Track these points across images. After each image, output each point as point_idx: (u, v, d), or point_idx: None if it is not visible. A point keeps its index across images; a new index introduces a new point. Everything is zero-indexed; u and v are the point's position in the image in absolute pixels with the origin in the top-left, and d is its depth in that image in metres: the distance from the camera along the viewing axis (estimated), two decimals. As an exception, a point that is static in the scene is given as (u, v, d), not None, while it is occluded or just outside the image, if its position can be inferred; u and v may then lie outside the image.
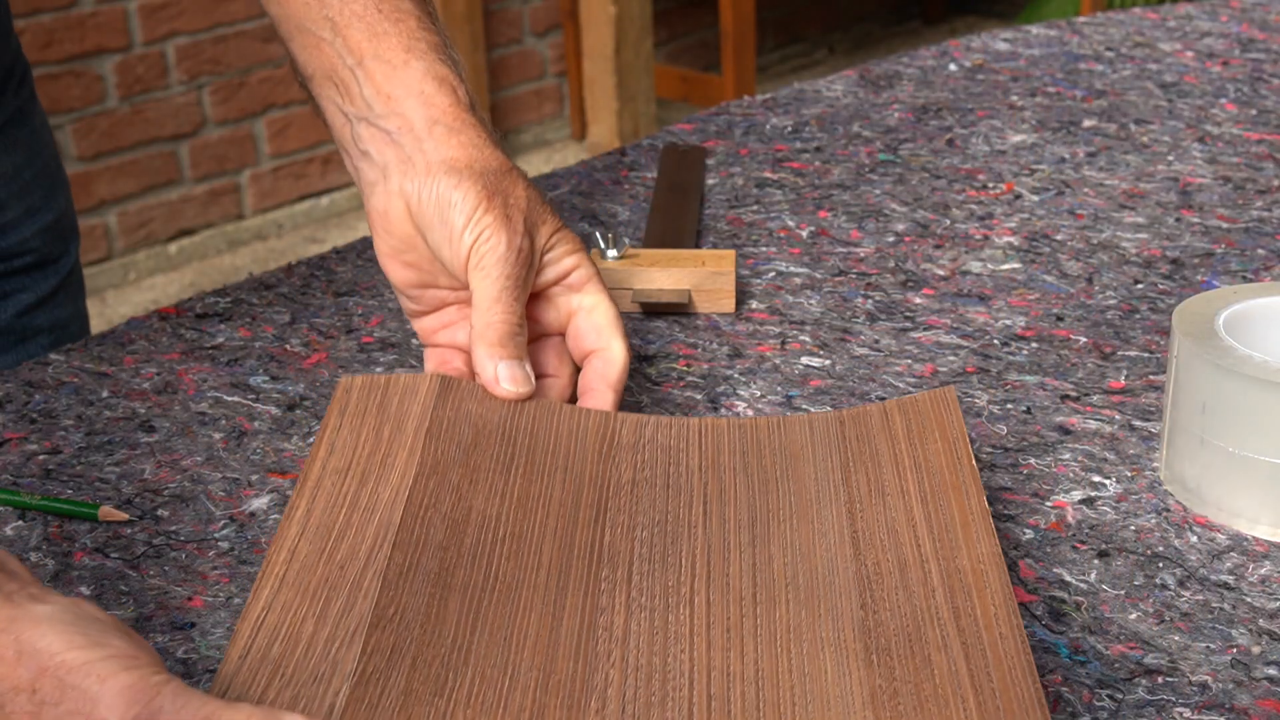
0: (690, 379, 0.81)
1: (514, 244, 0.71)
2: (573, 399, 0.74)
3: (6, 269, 0.94)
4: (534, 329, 0.75)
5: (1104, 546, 0.67)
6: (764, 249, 0.96)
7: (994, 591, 0.56)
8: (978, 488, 0.61)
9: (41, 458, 0.75)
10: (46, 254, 0.96)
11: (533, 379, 0.71)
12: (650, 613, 0.57)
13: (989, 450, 0.74)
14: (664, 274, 0.88)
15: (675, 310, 0.88)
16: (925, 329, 0.85)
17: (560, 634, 0.56)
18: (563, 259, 0.74)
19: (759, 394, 0.79)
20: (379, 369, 0.83)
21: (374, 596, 0.56)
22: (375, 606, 0.55)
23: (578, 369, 0.75)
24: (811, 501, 0.63)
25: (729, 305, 0.88)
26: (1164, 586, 0.64)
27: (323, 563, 0.58)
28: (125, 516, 0.69)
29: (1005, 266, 0.93)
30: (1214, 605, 0.63)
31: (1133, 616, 0.62)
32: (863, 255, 0.95)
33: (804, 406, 0.78)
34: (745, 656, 0.55)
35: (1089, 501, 0.70)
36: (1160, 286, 0.89)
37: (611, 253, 0.89)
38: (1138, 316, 0.86)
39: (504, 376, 0.70)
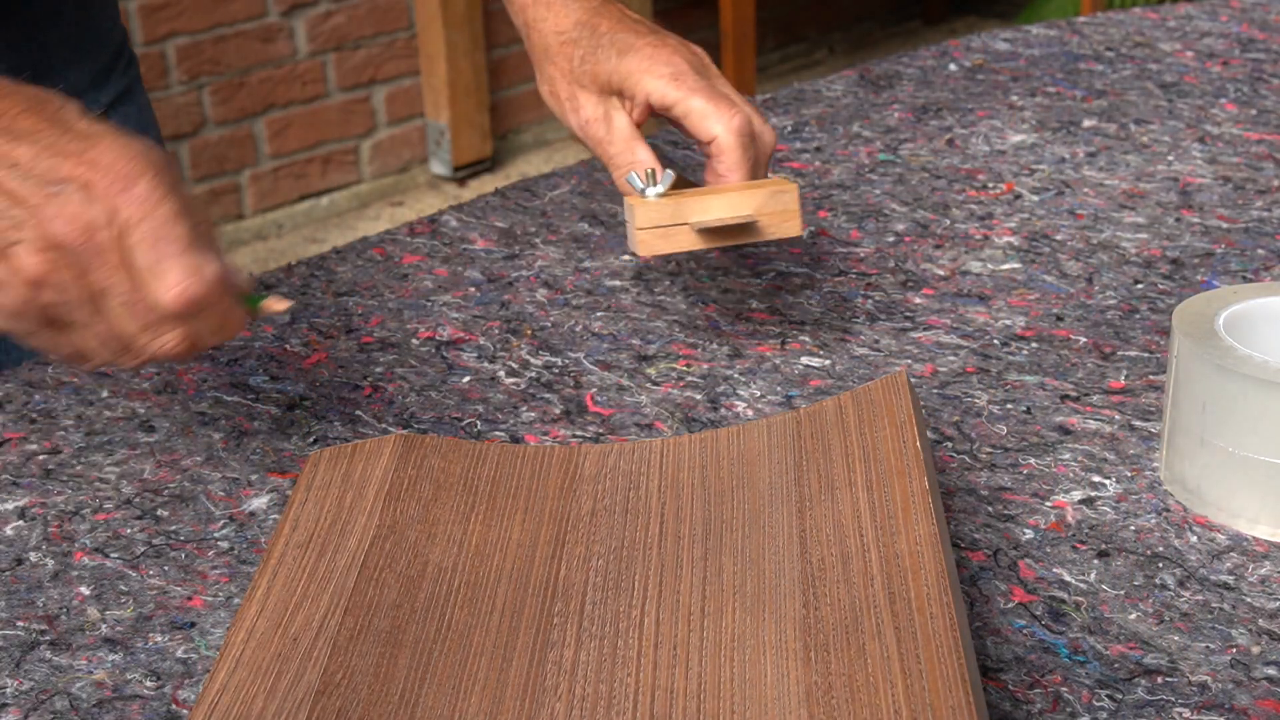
0: (690, 379, 0.81)
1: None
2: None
3: None
4: None
5: (1104, 546, 0.67)
6: (764, 249, 0.96)
7: (928, 572, 0.55)
8: (920, 469, 0.60)
9: (41, 457, 0.75)
10: None
11: None
12: (600, 640, 0.58)
13: (989, 450, 0.74)
14: (721, 200, 0.79)
15: (741, 239, 0.80)
16: (925, 329, 0.85)
17: (509, 675, 0.56)
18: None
19: (759, 394, 0.79)
20: (379, 369, 0.83)
21: (323, 663, 0.56)
22: (324, 673, 0.56)
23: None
24: (764, 506, 0.63)
25: (795, 228, 0.80)
26: (1164, 587, 0.64)
27: (278, 637, 0.58)
28: (288, 304, 0.68)
29: (1005, 266, 0.93)
30: (1214, 605, 0.63)
31: (1132, 616, 0.62)
32: (863, 255, 0.95)
33: (803, 407, 0.78)
34: (690, 672, 0.55)
35: (1089, 501, 0.70)
36: (1160, 286, 0.89)
37: (655, 189, 0.81)
38: (1138, 316, 0.86)
39: None
